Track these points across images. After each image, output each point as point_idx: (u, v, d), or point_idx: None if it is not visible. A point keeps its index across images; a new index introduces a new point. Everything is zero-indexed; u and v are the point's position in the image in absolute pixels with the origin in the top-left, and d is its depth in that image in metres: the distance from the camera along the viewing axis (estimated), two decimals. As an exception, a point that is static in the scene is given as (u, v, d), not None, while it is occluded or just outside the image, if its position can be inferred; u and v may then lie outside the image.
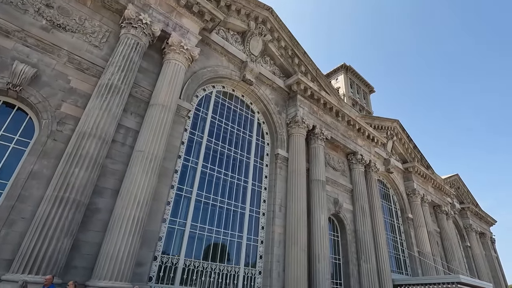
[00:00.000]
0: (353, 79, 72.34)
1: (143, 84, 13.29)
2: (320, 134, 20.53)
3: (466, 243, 40.35)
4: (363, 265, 19.89)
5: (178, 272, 12.33)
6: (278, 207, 16.86)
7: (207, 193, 14.70)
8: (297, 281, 14.78)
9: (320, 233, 17.23)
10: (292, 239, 15.77)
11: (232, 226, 15.15)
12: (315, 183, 18.84)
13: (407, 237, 28.59)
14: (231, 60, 17.92)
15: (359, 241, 20.74)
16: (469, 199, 43.83)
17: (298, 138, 19.04)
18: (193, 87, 15.33)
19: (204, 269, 13.21)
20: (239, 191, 16.29)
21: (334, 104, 22.08)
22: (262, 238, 16.10)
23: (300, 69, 21.39)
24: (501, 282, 43.02)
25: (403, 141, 31.90)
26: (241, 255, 14.83)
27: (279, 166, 18.06)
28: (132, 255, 9.84)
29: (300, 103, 20.16)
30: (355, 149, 23.73)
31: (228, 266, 14.10)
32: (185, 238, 13.03)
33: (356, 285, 19.37)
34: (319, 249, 16.76)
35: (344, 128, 23.56)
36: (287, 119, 19.87)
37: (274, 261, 15.30)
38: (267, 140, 19.22)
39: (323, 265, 16.37)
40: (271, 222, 16.38)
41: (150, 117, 12.18)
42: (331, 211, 20.29)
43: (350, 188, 22.77)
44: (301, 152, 18.57)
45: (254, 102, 19.33)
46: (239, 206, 15.85)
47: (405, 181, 31.34)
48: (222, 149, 16.39)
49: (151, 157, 11.34)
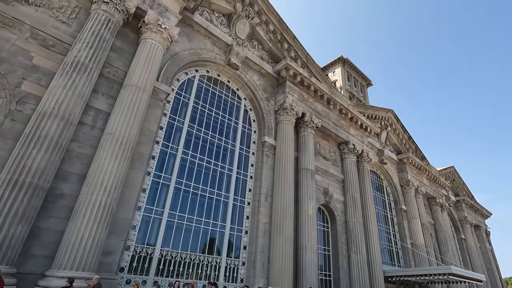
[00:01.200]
0: (350, 72, 71.41)
1: (116, 64, 12.48)
2: (310, 122, 19.81)
3: (460, 236, 40.08)
4: (353, 257, 19.38)
5: (154, 262, 11.70)
6: (264, 196, 16.21)
7: (188, 181, 14.01)
8: (282, 272, 14.22)
9: (307, 223, 16.64)
10: (278, 229, 15.17)
11: (215, 215, 14.50)
12: (304, 172, 18.19)
13: (400, 228, 28.14)
14: (216, 43, 17.07)
15: (349, 232, 20.20)
16: (465, 191, 43.46)
17: (287, 125, 18.32)
18: (173, 69, 14.52)
19: (183, 259, 12.58)
20: (223, 179, 15.61)
21: (325, 92, 21.32)
22: (247, 228, 15.49)
23: (290, 54, 20.56)
24: (495, 274, 42.92)
25: (397, 131, 31.25)
26: (224, 245, 14.21)
27: (266, 154, 17.37)
28: (98, 244, 9.17)
29: (289, 90, 19.39)
30: (347, 139, 23.06)
31: (209, 256, 13.49)
32: (162, 227, 12.37)
33: (346, 277, 18.87)
34: (306, 239, 16.18)
35: (336, 116, 22.84)
36: (276, 106, 19.12)
37: (259, 251, 14.71)
38: (254, 127, 18.48)
39: (310, 256, 15.82)
40: (256, 211, 15.75)
41: (122, 98, 11.41)
42: (320, 201, 19.68)
43: (342, 178, 22.15)
44: (289, 140, 17.88)
45: (241, 88, 18.54)
46: (223, 195, 15.18)
47: (399, 172, 30.78)
48: (205, 136, 15.66)
49: (122, 140, 10.60)
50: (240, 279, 14.23)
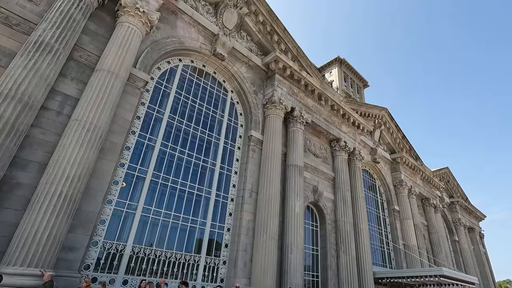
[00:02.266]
0: (347, 72, 70.95)
1: (89, 48, 11.70)
2: (299, 117, 19.12)
3: (454, 237, 39.60)
4: (342, 257, 18.71)
5: (124, 259, 10.91)
6: (249, 192, 15.48)
7: (166, 174, 13.24)
8: (265, 271, 13.49)
9: (294, 222, 15.93)
10: (262, 227, 14.45)
11: (195, 211, 13.73)
12: (292, 168, 17.50)
13: (392, 229, 27.54)
14: (201, 32, 16.34)
15: (339, 231, 19.53)
16: (459, 193, 43.03)
17: (275, 119, 17.62)
18: (153, 57, 13.77)
19: (157, 257, 11.80)
20: (205, 174, 14.86)
21: (316, 86, 20.67)
22: (230, 225, 14.74)
23: (280, 47, 19.87)
24: (489, 277, 42.49)
25: (391, 130, 30.68)
26: (203, 243, 13.45)
27: (252, 149, 16.65)
28: (56, 238, 8.38)
29: (278, 83, 18.70)
30: (339, 136, 22.41)
31: (187, 254, 12.72)
32: (136, 223, 11.58)
33: (334, 277, 18.19)
34: (293, 238, 15.47)
35: (327, 113, 22.19)
36: (264, 99, 18.41)
37: (240, 250, 13.96)
38: (241, 121, 17.76)
39: (296, 255, 15.10)
40: (239, 208, 15.01)
41: (93, 83, 10.64)
42: (309, 199, 18.99)
43: (332, 176, 21.49)
44: (277, 135, 17.17)
45: (228, 80, 17.82)
46: (204, 191, 14.43)
47: (392, 172, 30.21)
48: (187, 128, 14.90)
49: (90, 127, 9.83)
50: (220, 279, 13.48)
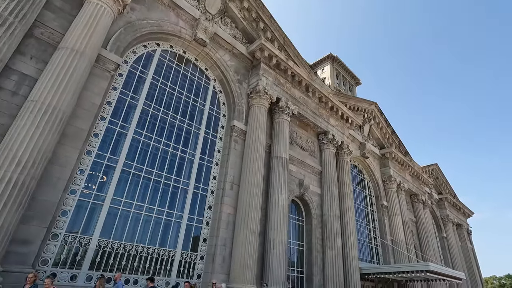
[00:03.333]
0: (339, 70, 70.65)
1: (53, 25, 10.77)
2: (285, 108, 18.46)
3: (442, 234, 39.69)
4: (328, 252, 18.19)
5: (89, 254, 10.09)
6: (230, 184, 14.77)
7: (140, 164, 12.41)
8: (244, 267, 12.82)
9: (277, 215, 15.30)
10: (243, 221, 13.77)
11: (171, 204, 12.96)
12: (276, 161, 16.84)
13: (380, 225, 27.22)
14: (181, 16, 15.49)
15: (325, 226, 19.00)
16: (447, 189, 43.17)
17: (259, 110, 16.91)
18: (127, 39, 12.88)
19: (127, 252, 11.01)
20: (183, 165, 14.08)
21: (303, 77, 20.02)
22: (209, 219, 14.02)
23: (266, 35, 19.15)
24: (475, 273, 42.83)
25: (380, 125, 30.33)
26: (179, 237, 12.70)
27: (234, 139, 15.92)
28: (4, 229, 7.53)
29: (264, 72, 17.98)
30: (327, 129, 21.85)
31: (160, 249, 11.95)
32: (103, 215, 10.76)
33: (319, 273, 17.66)
34: (275, 233, 14.83)
35: (315, 105, 21.59)
36: (248, 89, 17.68)
37: (219, 244, 13.26)
38: (223, 111, 17.00)
39: (279, 250, 14.47)
40: (219, 201, 14.29)
41: (54, 61, 9.75)
42: (294, 192, 18.39)
43: (319, 170, 20.94)
44: (261, 125, 16.47)
45: (210, 68, 17.02)
46: (181, 182, 13.65)
47: (381, 168, 29.89)
48: (165, 116, 14.08)
49: (48, 109, 8.96)
50: (197, 275, 12.76)
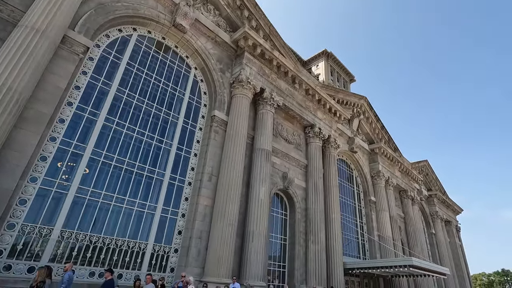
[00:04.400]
0: (334, 66, 70.16)
1: (13, 2, 10.11)
2: (269, 99, 17.98)
3: (431, 230, 39.80)
4: (311, 247, 17.86)
5: (50, 245, 9.56)
6: (208, 176, 14.29)
7: (110, 153, 11.85)
8: (220, 261, 12.39)
9: (258, 208, 14.87)
10: (220, 213, 13.32)
11: (144, 195, 12.44)
12: (258, 153, 16.38)
13: (368, 220, 27.05)
14: (160, 0, 14.86)
15: (309, 220, 18.66)
16: (437, 186, 43.26)
17: (241, 100, 16.40)
18: (98, 21, 12.23)
19: (93, 243, 10.49)
20: (159, 155, 13.54)
21: (289, 68, 19.52)
22: (185, 210, 13.54)
23: (251, 23, 18.58)
24: (463, 269, 43.16)
25: (370, 120, 30.03)
26: (152, 229, 12.21)
27: (214, 130, 15.41)
28: None
29: (248, 62, 17.44)
30: (313, 122, 21.44)
31: (131, 241, 11.45)
32: (67, 204, 10.21)
33: (302, 267, 17.34)
34: (255, 225, 14.42)
35: (301, 97, 21.14)
36: (231, 78, 17.15)
37: (194, 237, 12.81)
38: (204, 100, 16.46)
39: (258, 243, 14.07)
40: (196, 192, 13.82)
41: (12, 40, 9.14)
42: (278, 186, 17.98)
43: (305, 164, 20.55)
44: (243, 116, 15.98)
45: (191, 55, 16.43)
46: (156, 172, 13.13)
47: (370, 163, 29.66)
48: (140, 103, 13.50)
49: (2, 89, 8.37)
50: (170, 268, 12.31)
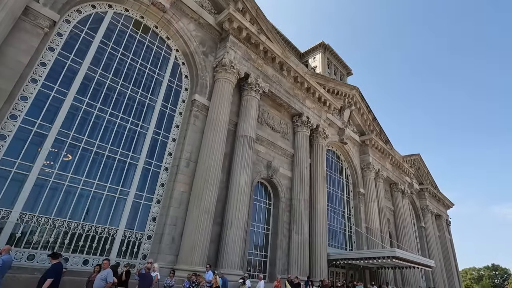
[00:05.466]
0: (331, 59, 69.16)
1: (-32, -32, 9.36)
2: (254, 84, 17.38)
3: (421, 224, 39.86)
4: (294, 237, 17.56)
5: (7, 229, 9.06)
6: (186, 161, 13.78)
7: (78, 134, 11.26)
8: (195, 248, 11.99)
9: (238, 196, 14.45)
10: (197, 199, 12.87)
11: (115, 179, 11.92)
12: (241, 139, 15.88)
13: (356, 212, 26.82)
14: (138, -24, 14.09)
15: (293, 210, 18.32)
16: (429, 180, 43.19)
17: (224, 84, 15.80)
18: (67, -6, 11.51)
19: (56, 227, 10.01)
20: (133, 138, 12.98)
21: (276, 54, 18.88)
22: (160, 197, 13.07)
23: (237, 6, 17.84)
24: (452, 263, 43.49)
25: (361, 111, 29.57)
26: (124, 214, 11.73)
27: (194, 114, 14.85)
28: None
29: (232, 45, 16.78)
30: (301, 111, 20.93)
31: (99, 226, 10.98)
32: (29, 186, 9.68)
33: (284, 257, 17.05)
34: (234, 213, 14.01)
35: (290, 85, 20.56)
36: (215, 62, 16.51)
37: (169, 223, 12.37)
38: (186, 84, 15.84)
39: (236, 232, 13.68)
40: (173, 178, 13.33)
41: (-38, 8, 8.44)
42: (261, 174, 17.55)
43: (291, 153, 20.11)
44: (225, 101, 15.41)
45: (172, 37, 15.73)
46: (130, 156, 12.59)
47: (361, 155, 29.32)
48: (113, 84, 12.86)
49: None
50: (142, 255, 11.89)
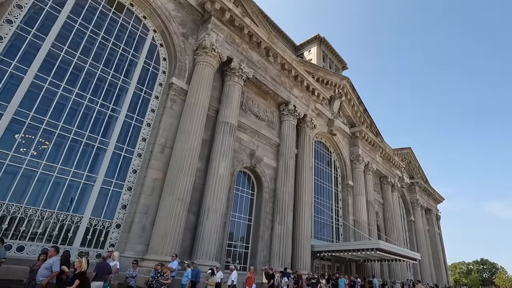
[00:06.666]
0: (326, 52, 68.21)
1: None
2: (238, 69, 16.62)
3: (410, 217, 39.82)
4: (276, 228, 17.05)
5: (-48, 213, 8.34)
6: (160, 147, 13.08)
7: (38, 114, 10.48)
8: (166, 237, 11.38)
9: (216, 184, 13.83)
10: (170, 187, 12.22)
11: (80, 163, 11.20)
12: (221, 126, 15.20)
13: (344, 204, 26.44)
14: None
15: (277, 201, 17.78)
16: (420, 174, 43.06)
17: (204, 68, 15.02)
18: (27, -38, 10.58)
19: (10, 214, 9.29)
20: (103, 121, 12.22)
21: (262, 38, 18.09)
22: (132, 184, 12.39)
23: (220, -14, 16.94)
24: (440, 256, 43.77)
25: (352, 102, 28.99)
26: (90, 201, 11.05)
27: (171, 98, 14.09)
28: None
29: (214, 27, 15.95)
30: (288, 99, 20.24)
31: (61, 213, 10.29)
32: (-21, 169, 8.93)
33: (266, 249, 16.57)
34: (211, 202, 13.41)
35: (276, 72, 19.82)
36: (195, 44, 15.69)
37: (140, 211, 11.73)
38: (163, 67, 15.04)
39: (213, 221, 13.09)
40: (146, 164, 12.64)
41: None
42: (244, 163, 16.93)
43: (277, 143, 19.48)
44: (205, 85, 14.65)
45: (149, 16, 14.85)
46: (98, 140, 11.85)
47: (350, 147, 28.82)
48: (81, 63, 12.02)
49: None
50: (109, 244, 11.25)
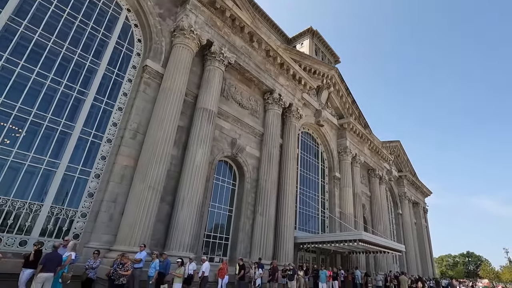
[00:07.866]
0: (319, 45, 67.38)
1: None
2: (218, 54, 15.87)
3: (398, 210, 40.00)
4: (258, 218, 16.58)
5: None
6: (132, 132, 12.35)
7: (-6, 94, 9.65)
8: (135, 227, 10.75)
9: (192, 173, 13.20)
10: (141, 174, 11.55)
11: (41, 148, 10.42)
12: (200, 112, 14.51)
13: (330, 196, 26.16)
14: None
15: (259, 191, 17.27)
16: (408, 168, 43.19)
17: (182, 51, 14.23)
18: None
19: (-42, 200, 8.54)
20: (68, 104, 11.40)
21: (245, 23, 17.32)
22: (100, 171, 11.67)
23: (201, -35, 16.05)
24: (426, 249, 44.30)
25: (340, 93, 28.53)
26: (51, 188, 10.32)
27: (145, 82, 13.31)
28: None
29: (193, 8, 15.13)
30: (273, 87, 19.61)
31: (16, 201, 9.54)
32: None
33: (246, 240, 16.11)
34: (186, 191, 12.80)
35: (261, 59, 19.12)
36: (173, 26, 14.86)
37: (107, 200, 11.04)
38: (138, 49, 14.19)
39: (188, 212, 12.50)
40: (116, 151, 11.92)
41: None
42: (225, 152, 16.32)
43: (261, 132, 18.90)
44: (182, 69, 13.88)
45: (123, -6, 13.95)
46: (62, 124, 11.04)
47: (338, 138, 28.47)
48: (44, 41, 11.12)
49: None
50: (74, 234, 10.57)
